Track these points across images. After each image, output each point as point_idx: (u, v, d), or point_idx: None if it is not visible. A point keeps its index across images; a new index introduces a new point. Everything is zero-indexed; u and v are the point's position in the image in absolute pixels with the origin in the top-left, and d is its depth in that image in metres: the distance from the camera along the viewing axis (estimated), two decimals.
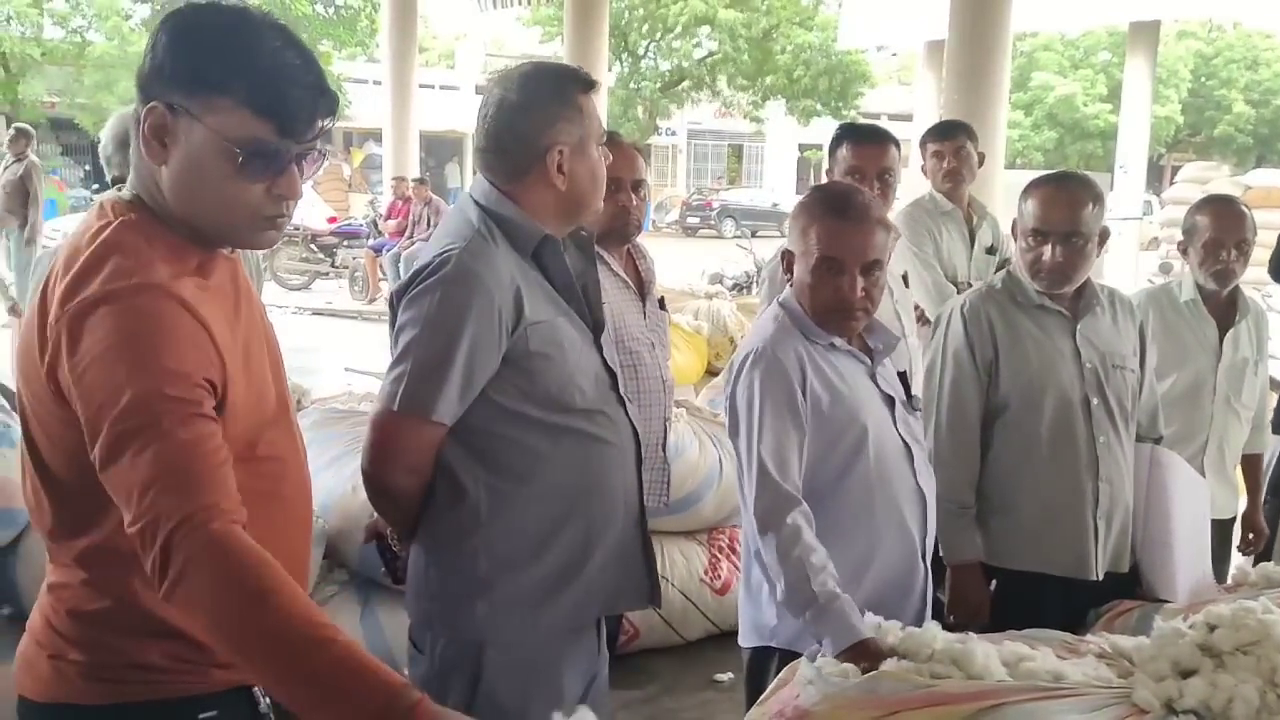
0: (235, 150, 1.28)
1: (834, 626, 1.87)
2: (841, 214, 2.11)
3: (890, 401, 2.19)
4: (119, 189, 1.37)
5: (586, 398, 1.86)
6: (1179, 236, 3.18)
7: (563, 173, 1.84)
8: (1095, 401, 2.50)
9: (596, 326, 1.93)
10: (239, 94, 1.27)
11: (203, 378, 1.25)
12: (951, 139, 3.95)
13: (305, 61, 1.32)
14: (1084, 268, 2.49)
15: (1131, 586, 2.54)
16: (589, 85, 1.88)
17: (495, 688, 1.83)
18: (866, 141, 3.19)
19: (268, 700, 1.43)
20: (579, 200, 1.87)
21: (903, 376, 2.28)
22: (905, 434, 2.19)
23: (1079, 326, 2.52)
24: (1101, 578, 2.50)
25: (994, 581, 2.54)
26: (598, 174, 1.89)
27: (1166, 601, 2.38)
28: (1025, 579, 2.50)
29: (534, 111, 1.83)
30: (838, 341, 2.15)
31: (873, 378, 2.18)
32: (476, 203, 1.87)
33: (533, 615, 1.85)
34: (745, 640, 2.25)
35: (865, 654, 1.79)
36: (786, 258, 2.19)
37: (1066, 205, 2.46)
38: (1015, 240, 2.59)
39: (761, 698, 1.87)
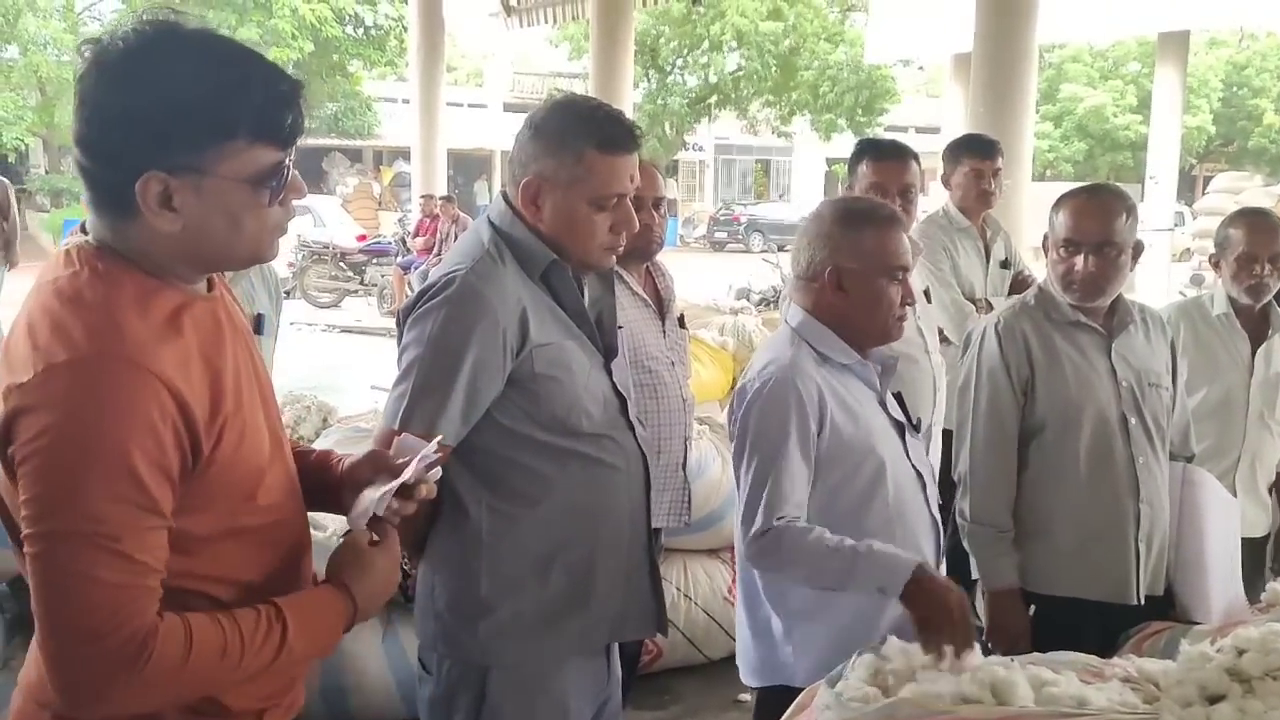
0: (254, 186, 1.25)
1: (885, 566, 1.85)
2: (900, 225, 2.14)
3: (899, 428, 2.15)
4: (84, 232, 1.29)
5: (594, 422, 1.85)
6: (1211, 248, 3.13)
7: (536, 205, 1.83)
8: (1133, 421, 2.45)
9: (608, 352, 1.92)
10: (245, 133, 1.23)
11: (153, 471, 1.18)
12: (991, 159, 3.85)
13: (270, 65, 1.27)
14: (1117, 280, 2.45)
15: (1165, 608, 2.49)
16: (610, 144, 1.81)
17: (500, 710, 1.84)
18: (888, 158, 3.16)
19: None
20: (554, 237, 1.84)
21: (899, 398, 2.22)
22: (916, 461, 2.15)
23: (1114, 344, 2.48)
24: (1142, 602, 2.44)
25: (1032, 607, 2.48)
26: (577, 227, 1.83)
27: (1199, 624, 2.32)
28: (1064, 605, 2.45)
29: (536, 140, 1.83)
30: (855, 364, 2.10)
31: (882, 404, 2.14)
32: (491, 223, 1.88)
33: (536, 638, 1.84)
34: (753, 679, 2.19)
35: (925, 585, 1.79)
36: (835, 275, 2.06)
37: (1099, 215, 2.42)
38: (1047, 254, 2.54)
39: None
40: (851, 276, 2.07)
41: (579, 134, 1.80)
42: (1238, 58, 31.12)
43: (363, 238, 16.77)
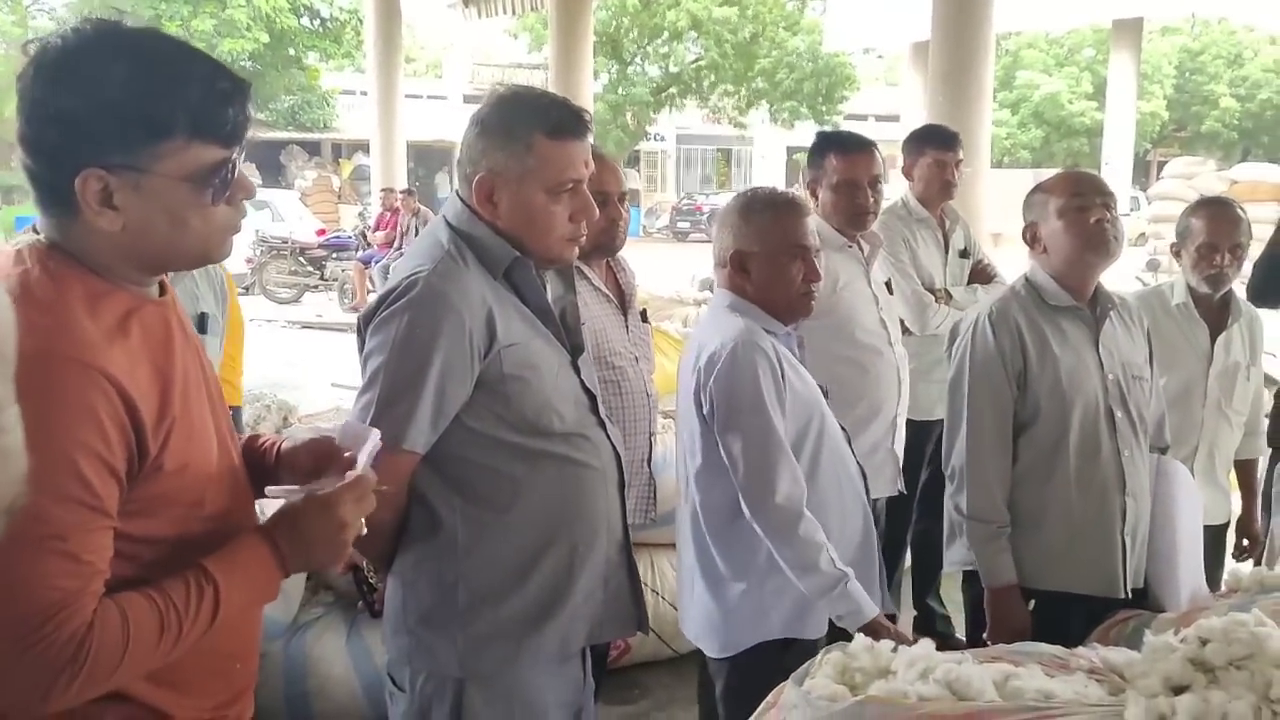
0: (196, 185, 1.25)
1: (853, 604, 2.08)
2: (802, 209, 2.29)
3: (820, 390, 2.29)
4: (35, 232, 1.29)
5: (565, 421, 1.81)
6: (1165, 232, 3.16)
7: (492, 202, 1.79)
8: (1119, 414, 2.46)
9: (575, 350, 1.89)
10: (183, 130, 1.22)
11: (100, 470, 1.17)
12: (954, 150, 3.84)
13: (212, 63, 1.27)
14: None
15: (1143, 599, 2.50)
16: (559, 130, 1.77)
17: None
18: (857, 150, 3.15)
19: None
20: (513, 232, 1.80)
21: None
22: (837, 419, 2.31)
23: (1100, 336, 2.48)
24: (1130, 595, 2.45)
25: (1032, 602, 2.49)
26: (535, 219, 1.79)
27: (1166, 612, 2.34)
28: (1052, 599, 2.46)
29: (484, 135, 1.79)
30: (780, 332, 2.24)
31: (802, 364, 2.29)
32: (448, 223, 1.83)
33: (514, 647, 1.80)
34: (729, 650, 2.25)
35: (879, 630, 1.97)
36: (737, 259, 2.23)
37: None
38: (1033, 245, 2.53)
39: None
40: (753, 259, 2.23)
41: (527, 123, 1.76)
42: (1191, 45, 31.55)
43: (322, 232, 16.62)
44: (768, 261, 2.21)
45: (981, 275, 3.95)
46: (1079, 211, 2.44)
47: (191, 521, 1.30)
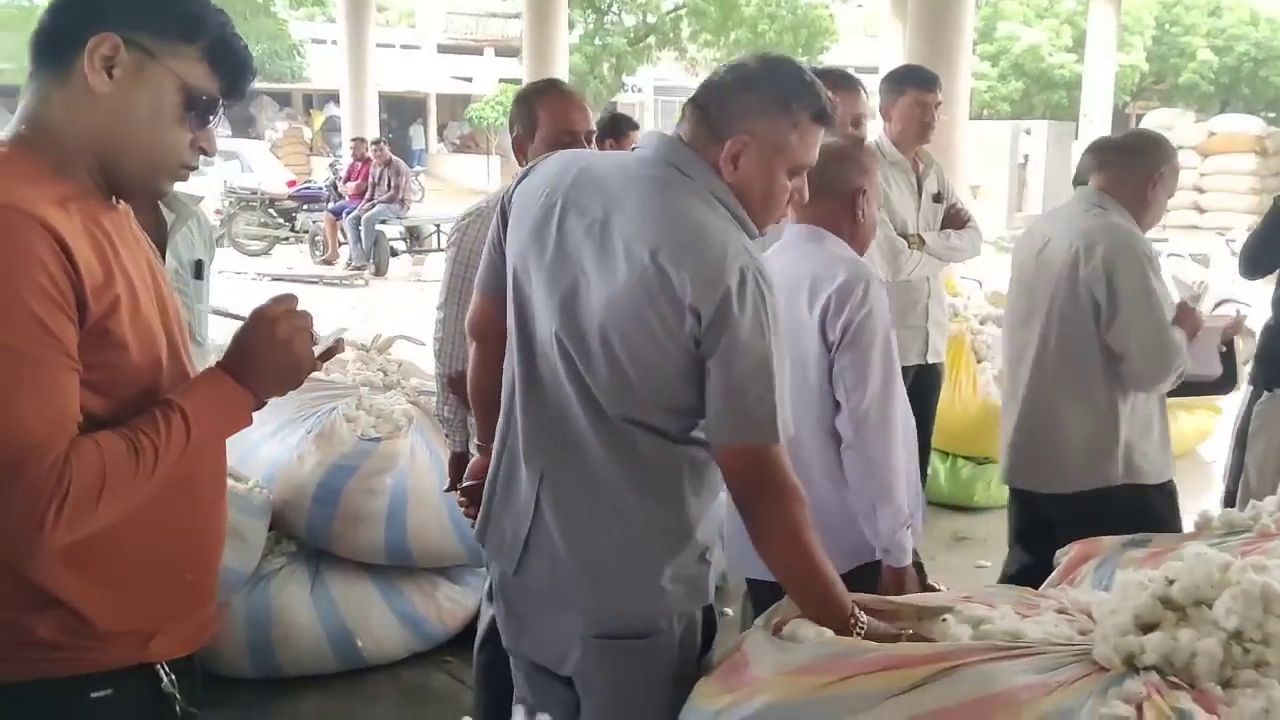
0: (190, 96, 1.33)
1: (903, 547, 2.19)
2: None
3: None
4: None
5: None
6: None
7: (734, 165, 1.69)
8: None
9: None
10: (204, 47, 1.34)
11: (49, 307, 1.20)
12: (933, 91, 3.78)
13: (245, 44, 1.41)
14: None
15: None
16: (822, 116, 1.71)
17: (714, 640, 1.87)
18: (840, 87, 3.10)
19: (171, 678, 1.39)
20: (742, 201, 1.71)
21: None
22: None
23: None
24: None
25: None
26: (770, 195, 1.72)
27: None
28: (1047, 500, 2.92)
29: (753, 95, 1.69)
30: None
31: None
32: (718, 198, 1.70)
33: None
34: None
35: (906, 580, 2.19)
36: (857, 196, 2.31)
37: None
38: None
39: (715, 663, 1.80)
40: (865, 200, 2.33)
41: (802, 101, 1.69)
42: None
43: (293, 183, 16.36)
44: (871, 208, 2.33)
45: (955, 220, 3.89)
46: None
47: (148, 408, 1.32)
